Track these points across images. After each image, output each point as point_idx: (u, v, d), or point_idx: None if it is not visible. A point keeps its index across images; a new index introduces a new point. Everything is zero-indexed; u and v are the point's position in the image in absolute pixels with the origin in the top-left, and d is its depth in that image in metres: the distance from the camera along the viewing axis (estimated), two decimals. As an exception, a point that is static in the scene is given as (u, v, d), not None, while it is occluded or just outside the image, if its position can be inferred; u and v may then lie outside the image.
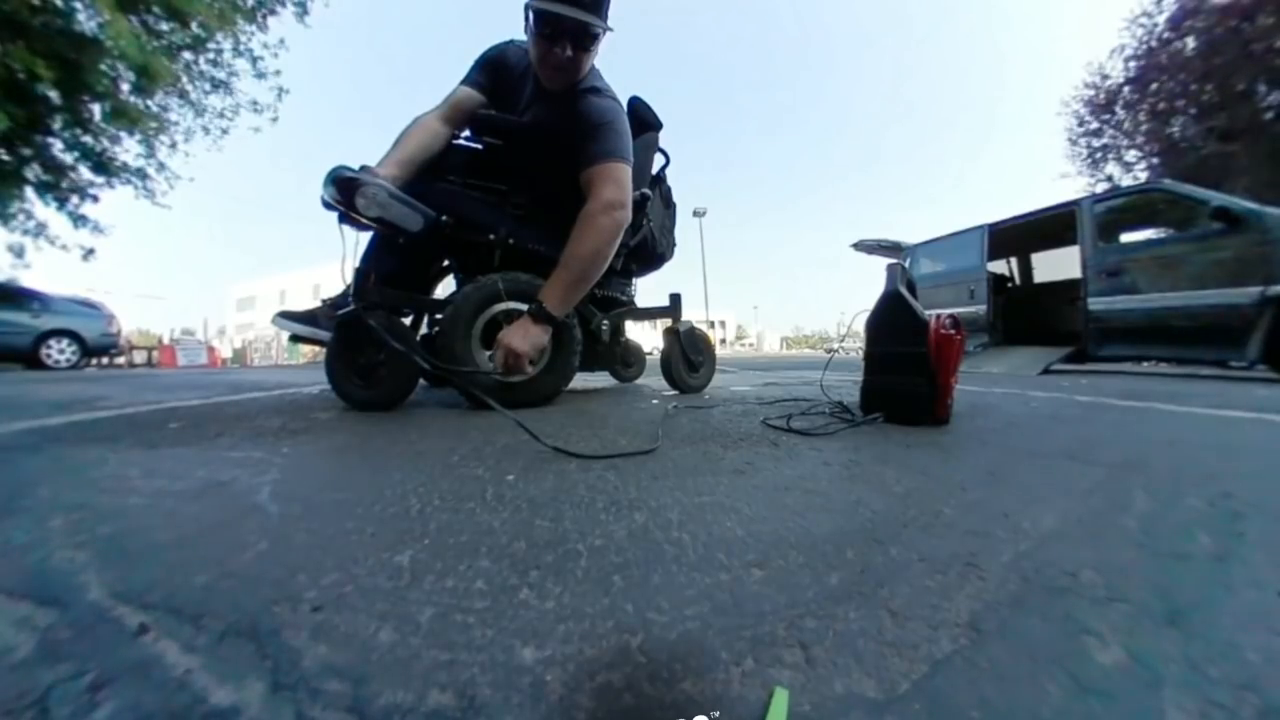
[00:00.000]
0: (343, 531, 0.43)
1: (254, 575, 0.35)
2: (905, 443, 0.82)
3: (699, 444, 0.80)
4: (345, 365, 1.17)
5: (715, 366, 1.81)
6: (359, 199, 1.01)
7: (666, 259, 1.78)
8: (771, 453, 0.74)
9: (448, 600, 0.32)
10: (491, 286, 1.20)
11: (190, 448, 0.79)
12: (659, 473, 0.63)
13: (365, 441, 0.82)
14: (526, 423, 0.81)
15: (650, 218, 1.56)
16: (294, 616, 0.30)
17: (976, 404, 1.38)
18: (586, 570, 0.36)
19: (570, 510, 0.49)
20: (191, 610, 0.31)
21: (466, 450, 0.75)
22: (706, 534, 0.43)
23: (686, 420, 1.05)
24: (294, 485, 0.57)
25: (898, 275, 1.07)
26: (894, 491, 0.55)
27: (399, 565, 0.37)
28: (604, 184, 1.16)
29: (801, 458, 0.71)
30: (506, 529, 0.44)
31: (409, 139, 1.22)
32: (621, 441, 0.82)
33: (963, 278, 4.15)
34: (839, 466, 0.66)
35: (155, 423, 1.05)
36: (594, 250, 1.15)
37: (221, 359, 14.65)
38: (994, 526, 0.46)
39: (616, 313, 1.59)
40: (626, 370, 2.18)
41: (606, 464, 0.67)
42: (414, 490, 0.55)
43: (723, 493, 0.54)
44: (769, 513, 0.48)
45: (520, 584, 0.34)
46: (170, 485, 0.57)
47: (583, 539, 0.42)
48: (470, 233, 1.26)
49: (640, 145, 1.44)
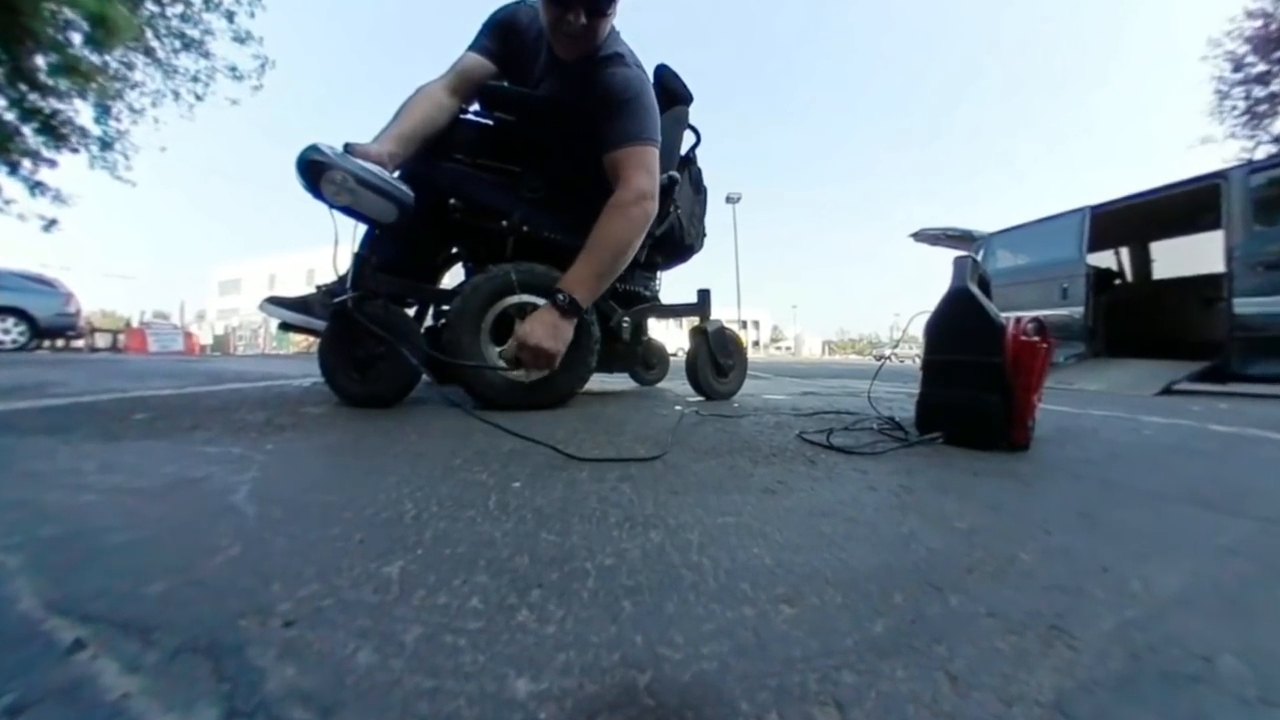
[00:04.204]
0: (327, 537, 0.43)
1: (221, 584, 0.34)
2: (971, 469, 0.76)
3: (724, 457, 0.78)
4: (341, 357, 1.17)
5: (746, 371, 1.78)
6: (325, 185, 0.98)
7: (695, 250, 1.75)
8: (807, 471, 0.71)
9: (438, 619, 0.31)
10: (504, 277, 1.21)
11: (159, 441, 0.78)
12: (679, 487, 0.61)
13: (359, 440, 0.83)
14: (536, 424, 0.80)
15: (678, 204, 1.52)
16: (262, 632, 0.29)
17: (1067, 427, 1.25)
18: (594, 592, 0.35)
19: (580, 524, 0.48)
20: (140, 623, 0.29)
21: (470, 453, 0.75)
22: (730, 560, 0.41)
23: (711, 430, 1.03)
24: (276, 485, 0.57)
25: (967, 270, 0.98)
26: (955, 527, 0.51)
27: (387, 577, 0.36)
28: (635, 171, 1.15)
29: (843, 479, 0.68)
30: (509, 541, 0.43)
31: (411, 111, 1.19)
32: (639, 450, 0.81)
33: (1053, 272, 3.62)
34: (887, 492, 0.62)
35: (118, 412, 1.03)
36: (625, 241, 1.14)
37: (200, 346, 14.38)
38: (1089, 583, 0.40)
39: (639, 309, 1.58)
40: (648, 372, 2.17)
41: (621, 474, 0.66)
42: (410, 494, 0.55)
43: (750, 514, 0.52)
44: (802, 540, 0.46)
45: (519, 604, 0.33)
46: (131, 481, 0.56)
47: (591, 557, 0.41)
48: (480, 218, 1.26)
49: (668, 121, 1.40)
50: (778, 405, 1.52)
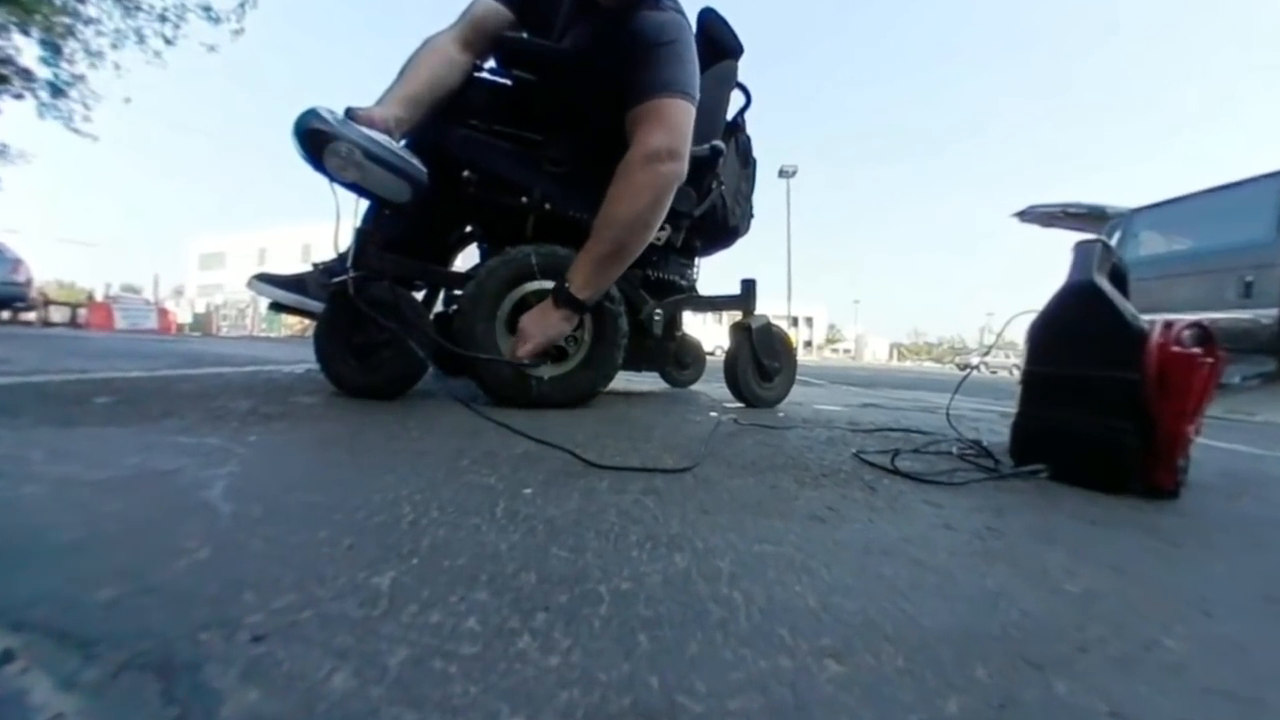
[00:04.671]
0: (312, 541, 0.43)
1: (182, 591, 0.34)
2: (1087, 517, 0.68)
3: (765, 474, 0.76)
4: (339, 343, 1.19)
5: (795, 376, 1.74)
6: (329, 158, 0.98)
7: (741, 234, 1.72)
8: (865, 499, 0.68)
9: (428, 640, 0.31)
10: (523, 261, 1.22)
11: (122, 428, 0.78)
12: (710, 505, 0.60)
13: (356, 434, 0.84)
14: (553, 425, 0.81)
15: (722, 179, 1.50)
16: (225, 647, 0.29)
17: (1240, 472, 1.09)
18: (606, 621, 0.34)
19: (596, 540, 0.47)
20: (82, 634, 0.29)
21: (478, 454, 0.76)
22: (766, 597, 0.39)
23: (751, 442, 1.01)
24: (258, 481, 0.58)
25: (1094, 257, 0.87)
26: (1064, 590, 0.45)
27: (376, 589, 0.36)
28: (651, 127, 1.10)
29: (910, 512, 0.64)
30: (515, 555, 0.43)
31: (418, 68, 1.18)
32: (666, 460, 0.80)
33: (1228, 261, 3.07)
34: (968, 533, 0.58)
35: (76, 395, 1.03)
36: (631, 216, 1.11)
37: (177, 324, 14.44)
38: (1272, 692, 0.33)
39: (673, 300, 1.56)
40: (681, 372, 2.16)
41: (645, 487, 0.65)
42: (409, 497, 0.55)
43: (792, 543, 0.50)
44: (856, 582, 0.43)
45: (521, 628, 0.33)
46: (86, 473, 0.56)
47: (607, 579, 0.40)
48: (497, 193, 1.27)
49: (712, 78, 1.37)
50: (831, 417, 1.48)
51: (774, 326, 1.67)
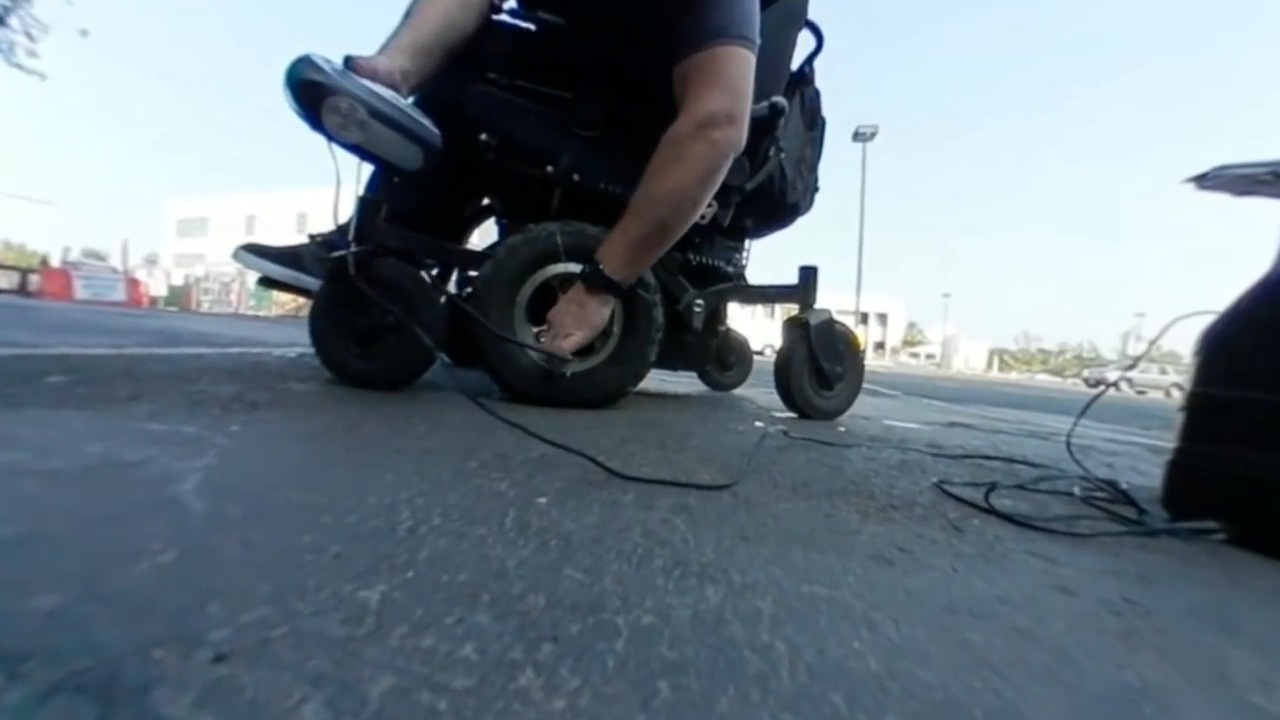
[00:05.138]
0: (295, 546, 0.43)
1: (138, 600, 0.34)
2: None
3: (819, 499, 0.74)
4: (338, 325, 1.20)
5: (861, 384, 1.68)
6: (328, 115, 0.95)
7: (801, 211, 1.67)
8: (948, 541, 0.64)
9: (417, 668, 0.30)
10: (547, 240, 1.22)
11: (80, 411, 0.79)
12: (751, 531, 0.58)
13: (353, 428, 0.85)
14: (575, 427, 0.80)
15: (782, 145, 1.44)
16: (181, 667, 0.28)
17: None
18: (622, 660, 0.33)
19: (616, 562, 0.47)
20: (12, 649, 0.28)
21: (489, 455, 0.76)
22: (816, 650, 0.37)
23: (804, 459, 0.98)
24: (238, 476, 0.58)
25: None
26: (1252, 705, 0.38)
27: (363, 604, 0.36)
28: (706, 86, 1.06)
29: (1010, 565, 0.58)
30: (524, 573, 0.43)
31: (427, 11, 1.16)
32: (702, 475, 0.79)
33: None
34: (1096, 604, 0.51)
35: (23, 373, 1.04)
36: (679, 192, 1.08)
37: (150, 297, 14.64)
38: None
39: (717, 290, 1.54)
40: (723, 374, 2.14)
41: (676, 504, 0.64)
42: (409, 500, 0.56)
43: (851, 587, 0.48)
44: (933, 647, 0.40)
45: (524, 660, 0.32)
46: (32, 462, 0.56)
47: (626, 609, 0.39)
48: (519, 161, 1.27)
49: (775, 17, 1.29)
50: (906, 436, 1.43)
51: (837, 324, 1.60)
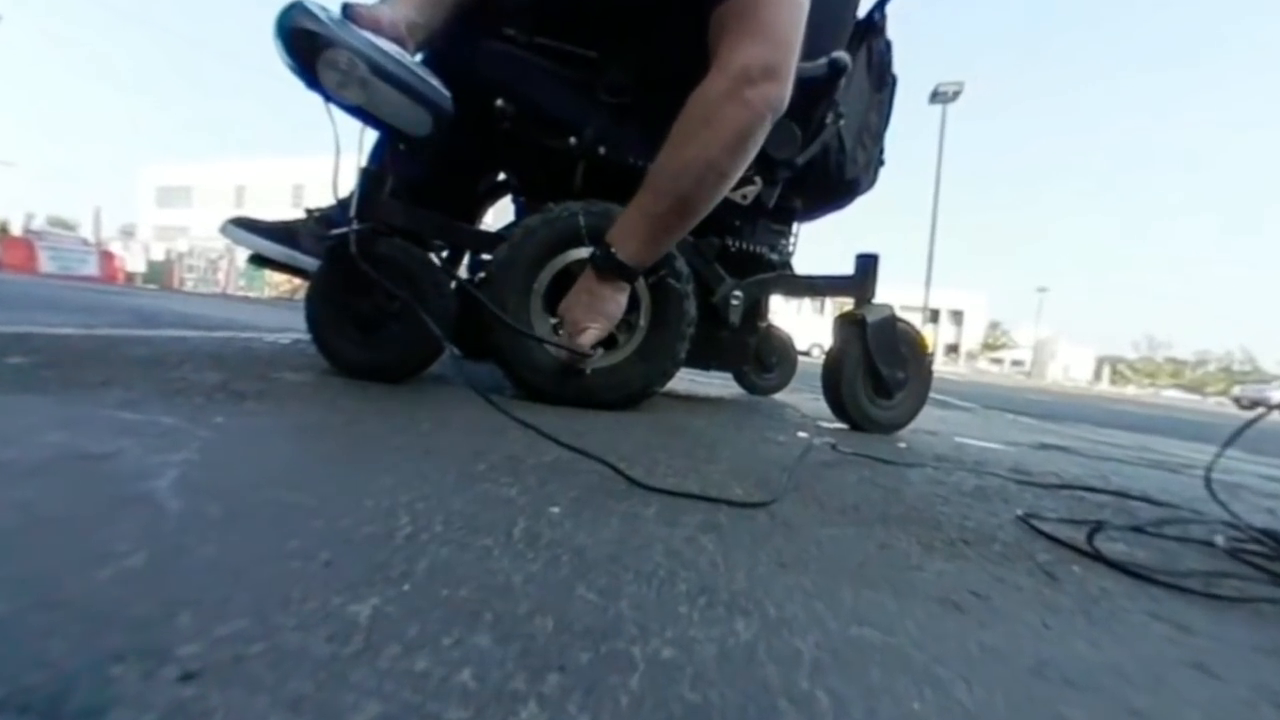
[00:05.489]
0: (280, 552, 0.44)
1: (99, 608, 0.34)
2: None
3: (872, 526, 0.71)
4: (337, 310, 1.21)
5: (928, 393, 1.59)
6: (325, 71, 0.93)
7: (861, 189, 1.59)
8: (1037, 589, 0.58)
9: (407, 695, 0.30)
10: (568, 221, 1.22)
11: (41, 396, 0.79)
12: (791, 559, 0.56)
13: (351, 424, 0.86)
14: (594, 430, 0.80)
15: (842, 110, 1.37)
16: (142, 686, 0.28)
17: None
18: (638, 699, 0.32)
19: (634, 583, 0.46)
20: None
21: (498, 458, 0.76)
22: (865, 706, 0.35)
23: (855, 478, 0.95)
24: (220, 473, 0.59)
25: None
26: None
27: (352, 619, 0.36)
28: (743, 34, 1.02)
29: (1126, 628, 0.52)
30: (531, 591, 0.42)
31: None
32: (735, 490, 0.77)
33: None
34: (1248, 690, 0.44)
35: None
36: (705, 162, 1.04)
37: (125, 273, 14.75)
38: None
39: (759, 280, 1.51)
40: (763, 376, 2.13)
41: (705, 521, 0.63)
42: (409, 505, 0.56)
43: (910, 635, 0.45)
44: (1015, 717, 0.37)
45: (528, 691, 0.31)
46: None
47: (644, 639, 0.38)
48: (539, 131, 1.27)
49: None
50: (984, 458, 1.35)
51: (900, 322, 1.50)
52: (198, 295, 9.14)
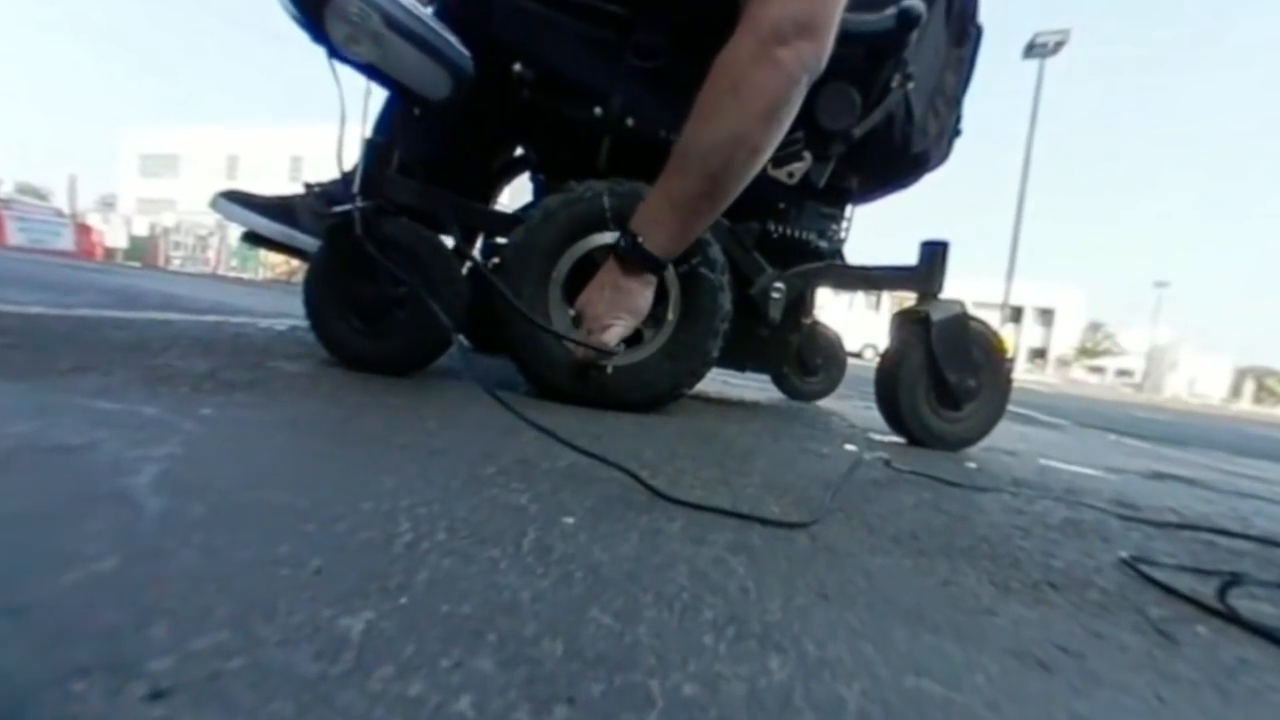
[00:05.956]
0: (267, 558, 0.44)
1: (63, 617, 0.34)
2: None
3: (933, 558, 0.68)
4: (338, 295, 1.23)
5: (1005, 404, 1.52)
6: (333, 23, 0.93)
7: (931, 165, 1.54)
8: (1148, 650, 0.53)
9: (401, 722, 0.30)
10: (592, 202, 1.23)
11: (10, 383, 0.81)
12: (835, 590, 0.55)
13: (350, 419, 0.87)
14: (615, 434, 0.80)
15: (912, 70, 1.31)
16: (107, 706, 0.28)
17: None
18: (656, 738, 0.32)
19: (654, 607, 0.46)
20: None
21: (509, 461, 0.77)
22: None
23: (911, 500, 0.93)
24: (205, 469, 0.60)
25: None
26: None
27: (343, 634, 0.36)
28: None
29: (1269, 710, 0.48)
30: (540, 610, 0.43)
31: None
32: (771, 507, 0.77)
33: None
34: None
35: None
36: (735, 136, 1.03)
37: (105, 248, 14.95)
38: None
39: (804, 271, 1.48)
40: (806, 379, 2.12)
41: (735, 540, 0.63)
42: (410, 510, 0.56)
43: (980, 691, 0.42)
44: None
45: (533, 726, 0.31)
46: None
47: (663, 671, 0.38)
48: (561, 100, 1.27)
49: None
50: (1077, 485, 1.28)
51: (972, 320, 1.44)
52: (185, 275, 9.31)
